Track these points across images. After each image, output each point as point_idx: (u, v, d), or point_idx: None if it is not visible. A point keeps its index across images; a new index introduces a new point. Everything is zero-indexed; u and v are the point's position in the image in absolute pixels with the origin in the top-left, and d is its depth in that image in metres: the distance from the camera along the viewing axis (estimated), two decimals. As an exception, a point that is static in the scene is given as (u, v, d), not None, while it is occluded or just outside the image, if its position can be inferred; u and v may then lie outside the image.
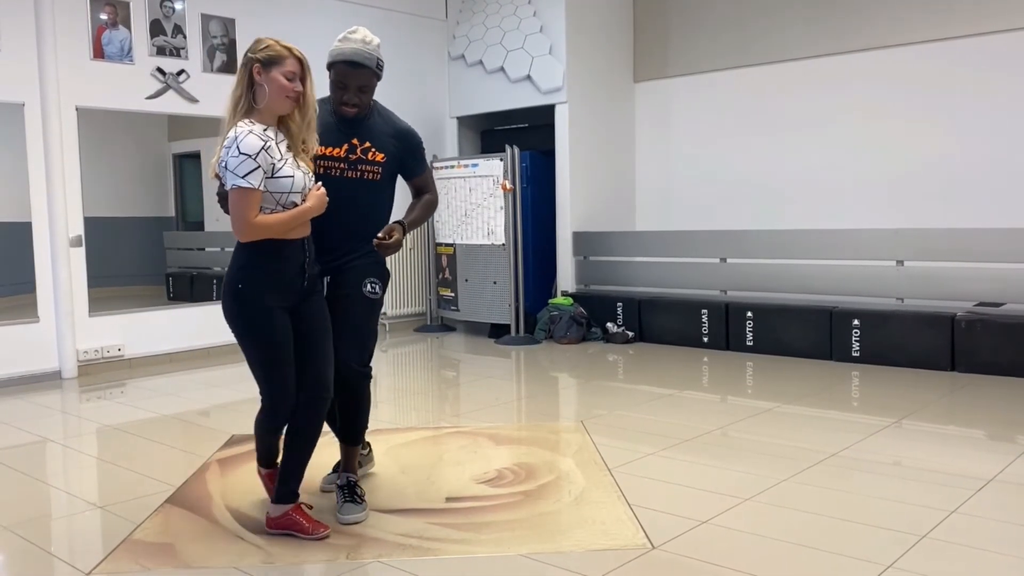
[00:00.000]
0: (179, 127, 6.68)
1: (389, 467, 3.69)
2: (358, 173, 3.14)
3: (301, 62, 2.79)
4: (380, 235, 3.06)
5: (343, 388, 3.08)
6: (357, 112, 3.11)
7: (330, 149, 3.08)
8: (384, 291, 3.25)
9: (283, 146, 2.81)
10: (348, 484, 3.17)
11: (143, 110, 6.36)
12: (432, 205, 3.38)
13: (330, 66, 3.08)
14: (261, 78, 2.75)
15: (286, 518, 2.92)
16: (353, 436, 3.26)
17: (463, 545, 2.83)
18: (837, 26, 6.87)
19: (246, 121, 2.74)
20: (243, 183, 2.65)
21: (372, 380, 3.23)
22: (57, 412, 5.16)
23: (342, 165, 3.12)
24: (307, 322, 2.91)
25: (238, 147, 2.66)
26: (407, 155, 3.25)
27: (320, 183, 2.92)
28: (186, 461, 3.87)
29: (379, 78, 3.11)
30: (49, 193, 5.89)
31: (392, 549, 2.80)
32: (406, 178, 3.33)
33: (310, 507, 3.07)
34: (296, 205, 2.80)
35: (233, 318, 2.84)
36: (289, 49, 2.78)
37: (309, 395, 2.90)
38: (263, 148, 2.69)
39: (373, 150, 3.14)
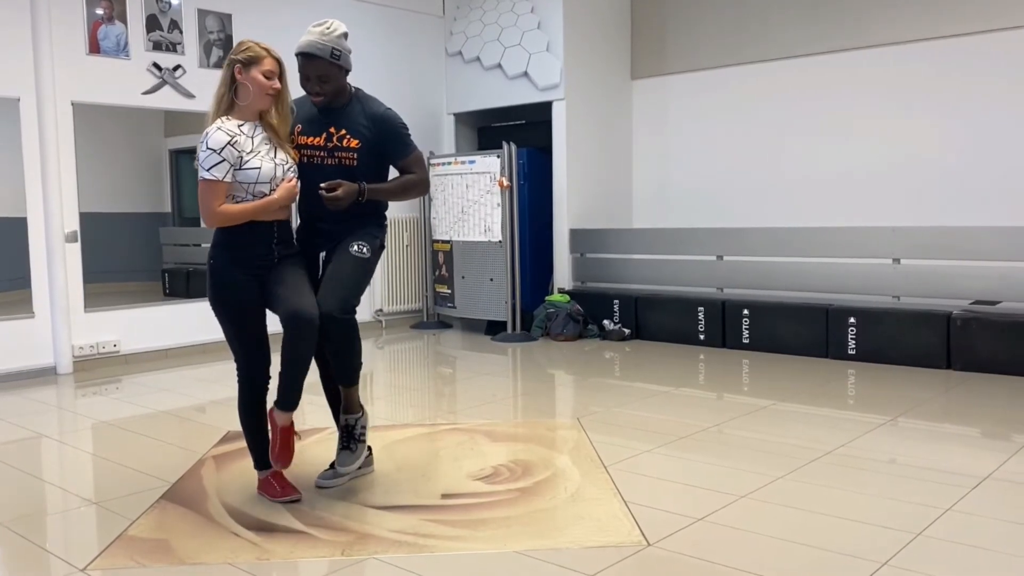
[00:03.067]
0: (175, 122, 6.67)
1: (385, 463, 3.68)
2: (335, 160, 3.23)
3: (278, 62, 3.07)
4: (324, 184, 3.11)
5: (326, 335, 3.09)
6: (324, 100, 3.20)
7: (311, 139, 3.23)
8: (374, 254, 3.27)
9: (258, 139, 3.06)
10: (346, 426, 3.28)
11: (139, 105, 6.34)
12: (412, 184, 3.35)
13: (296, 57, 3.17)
14: (242, 77, 3.03)
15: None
16: (347, 377, 3.27)
17: (459, 542, 2.83)
18: (834, 24, 6.87)
19: (223, 118, 3.03)
20: (208, 175, 2.96)
21: (356, 325, 3.19)
22: (52, 408, 5.14)
23: (321, 153, 3.23)
24: (275, 274, 3.07)
25: (206, 143, 2.96)
26: (384, 139, 3.27)
27: (294, 175, 3.11)
28: (181, 457, 3.86)
29: (340, 67, 3.16)
30: (45, 189, 5.87)
31: (388, 546, 2.80)
32: (390, 163, 3.35)
33: (299, 437, 3.27)
34: (265, 194, 3.04)
35: (208, 290, 3.10)
36: (267, 50, 3.06)
37: (287, 329, 3.01)
38: (229, 143, 2.96)
39: (348, 136, 3.22)
